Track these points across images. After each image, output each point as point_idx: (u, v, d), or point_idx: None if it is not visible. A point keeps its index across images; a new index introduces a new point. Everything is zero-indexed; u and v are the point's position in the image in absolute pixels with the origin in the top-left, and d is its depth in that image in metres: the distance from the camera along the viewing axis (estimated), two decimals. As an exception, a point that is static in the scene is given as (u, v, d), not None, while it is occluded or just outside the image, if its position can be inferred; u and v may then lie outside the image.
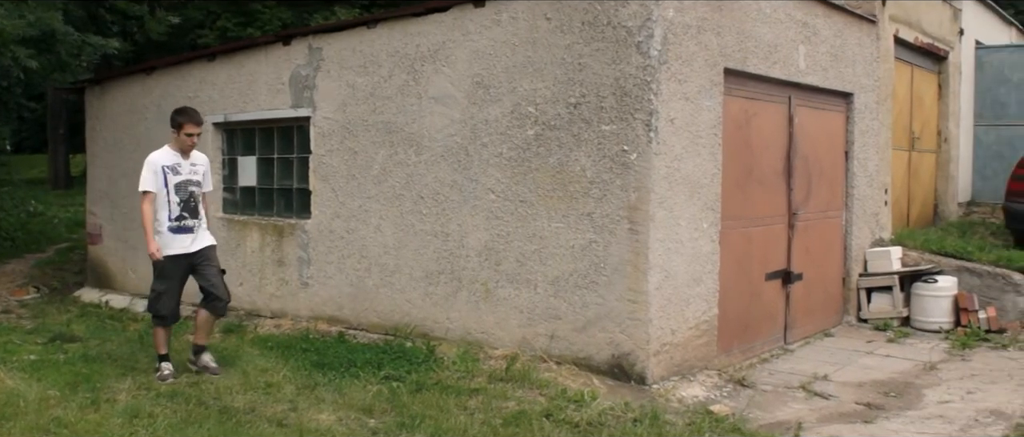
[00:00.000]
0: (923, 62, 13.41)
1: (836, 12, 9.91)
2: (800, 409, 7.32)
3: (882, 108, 11.10)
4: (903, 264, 10.77)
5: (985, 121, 16.01)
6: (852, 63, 10.24)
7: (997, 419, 6.99)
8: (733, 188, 8.23)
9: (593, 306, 7.47)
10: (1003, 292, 10.63)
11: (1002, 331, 10.05)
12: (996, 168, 15.39)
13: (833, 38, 9.79)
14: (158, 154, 7.63)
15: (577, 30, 7.48)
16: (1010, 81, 15.93)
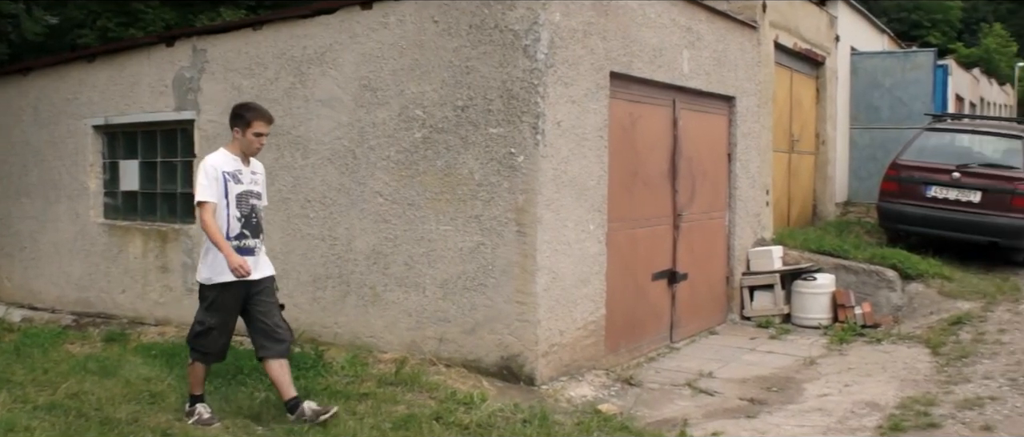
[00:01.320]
0: (802, 67, 13.80)
1: (719, 18, 10.13)
2: (686, 406, 7.47)
3: (763, 111, 11.39)
4: (784, 263, 11.07)
5: (860, 124, 16.57)
6: (734, 67, 10.48)
7: (872, 410, 7.24)
8: (619, 190, 8.35)
9: (482, 308, 7.50)
10: (877, 288, 11.03)
11: (877, 326, 10.41)
12: (871, 169, 15.93)
13: (716, 43, 10.01)
14: (217, 158, 6.30)
15: (465, 33, 7.51)
16: (883, 86, 16.52)
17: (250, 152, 6.38)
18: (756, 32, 11.15)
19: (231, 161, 6.31)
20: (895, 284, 11.10)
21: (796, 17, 12.95)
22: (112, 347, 8.77)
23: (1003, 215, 12.11)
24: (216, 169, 6.22)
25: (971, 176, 12.35)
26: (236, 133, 6.33)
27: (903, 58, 17.35)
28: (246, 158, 6.38)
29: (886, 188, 12.95)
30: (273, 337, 6.34)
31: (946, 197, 12.41)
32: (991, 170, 12.43)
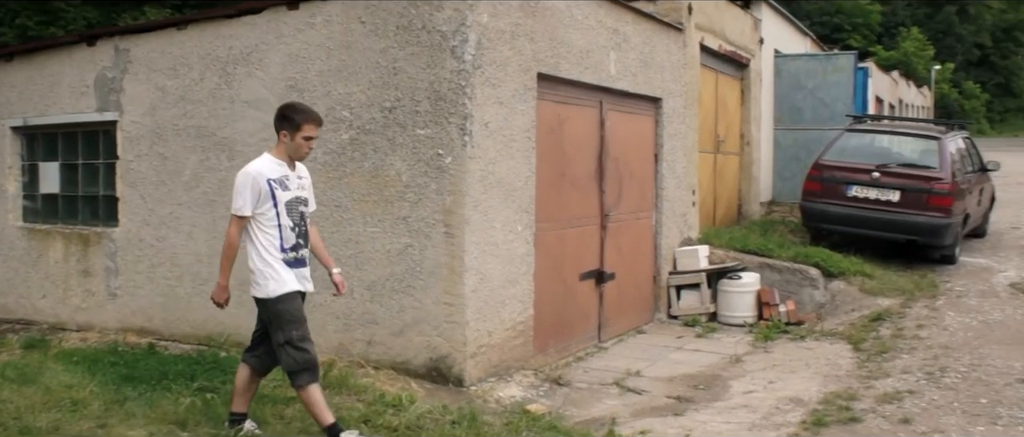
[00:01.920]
0: (727, 69, 13.99)
1: (645, 20, 10.23)
2: (614, 405, 7.53)
3: (689, 112, 11.53)
4: (710, 262, 11.21)
5: (784, 125, 16.84)
6: (661, 69, 10.59)
7: (796, 406, 7.38)
8: (547, 190, 8.39)
9: (410, 310, 7.49)
10: (801, 286, 11.23)
11: (800, 323, 10.60)
12: (794, 169, 16.20)
13: (643, 45, 10.10)
14: (261, 164, 5.76)
15: (392, 34, 7.49)
16: (805, 88, 16.81)
17: (298, 157, 5.90)
18: (682, 34, 11.27)
19: (277, 167, 5.79)
20: (818, 282, 11.32)
21: (721, 20, 13.13)
22: (32, 354, 8.56)
23: (921, 214, 12.41)
24: (261, 177, 5.70)
25: (890, 176, 12.64)
26: (284, 136, 5.81)
27: (825, 61, 17.67)
28: (292, 163, 5.88)
29: (809, 188, 13.20)
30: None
31: (866, 196, 12.68)
32: (909, 170, 12.73)
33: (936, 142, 13.12)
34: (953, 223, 12.55)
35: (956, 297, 11.20)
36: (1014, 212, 18.42)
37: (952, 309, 10.60)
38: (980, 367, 8.36)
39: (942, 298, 11.17)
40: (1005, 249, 14.45)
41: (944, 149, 12.92)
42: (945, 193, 12.41)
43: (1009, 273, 12.46)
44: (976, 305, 10.75)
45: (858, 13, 48.82)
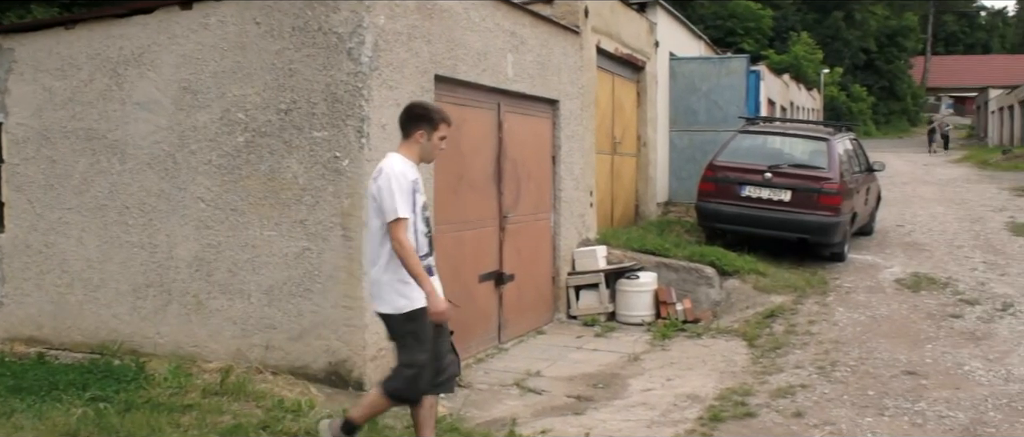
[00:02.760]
0: (623, 71, 14.15)
1: (542, 22, 10.30)
2: (515, 405, 7.57)
3: (586, 114, 11.64)
4: (608, 262, 11.33)
5: (679, 127, 17.11)
6: (557, 71, 10.67)
7: (693, 402, 7.52)
8: (445, 192, 8.38)
9: (308, 314, 7.42)
10: (697, 285, 11.43)
11: (697, 321, 10.79)
12: (689, 171, 16.47)
13: (539, 47, 10.17)
14: (400, 165, 5.40)
15: (288, 35, 7.41)
16: (700, 90, 17.11)
17: (429, 159, 5.70)
18: (579, 37, 11.38)
19: (412, 168, 5.44)
20: (713, 280, 11.53)
21: (617, 23, 13.28)
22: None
23: (811, 213, 12.74)
24: (407, 178, 5.31)
25: (781, 176, 12.95)
26: (420, 137, 5.51)
27: (719, 63, 18.00)
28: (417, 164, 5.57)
29: (704, 188, 13.45)
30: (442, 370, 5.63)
31: (759, 196, 12.97)
32: (800, 170, 13.07)
33: (825, 143, 13.49)
34: (842, 222, 12.92)
35: (845, 293, 11.53)
36: (899, 210, 19.02)
37: (841, 305, 10.91)
38: (868, 360, 8.63)
39: (832, 294, 11.49)
40: (891, 246, 14.92)
41: (832, 150, 13.30)
42: (834, 193, 12.77)
43: (895, 269, 12.86)
44: (864, 301, 11.08)
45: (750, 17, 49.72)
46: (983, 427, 6.85)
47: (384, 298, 5.44)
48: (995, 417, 7.06)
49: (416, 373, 5.42)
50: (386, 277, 5.39)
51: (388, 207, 5.27)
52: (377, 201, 5.37)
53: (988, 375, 8.14)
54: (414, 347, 5.40)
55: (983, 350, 8.94)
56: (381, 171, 5.39)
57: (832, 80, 55.80)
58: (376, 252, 5.47)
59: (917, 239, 15.55)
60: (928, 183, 25.75)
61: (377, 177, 5.40)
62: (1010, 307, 10.58)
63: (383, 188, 5.31)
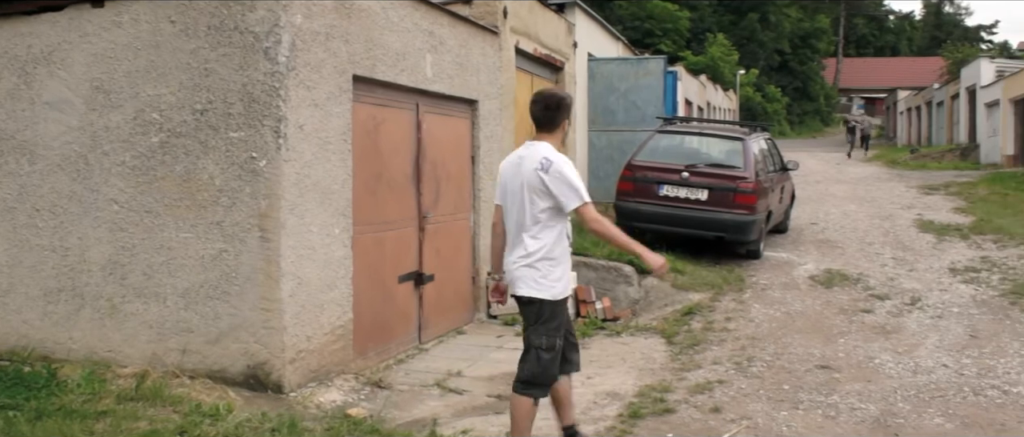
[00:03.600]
0: (542, 72, 14.22)
1: (461, 23, 10.31)
2: (436, 406, 7.56)
3: (505, 114, 11.67)
4: (528, 262, 11.34)
5: (598, 127, 17.24)
6: (476, 72, 10.69)
7: (613, 399, 7.59)
8: (364, 193, 8.35)
9: (226, 317, 7.32)
10: (616, 284, 11.53)
11: (616, 319, 10.89)
12: (608, 170, 16.61)
13: (458, 48, 10.18)
14: (561, 154, 5.74)
15: (203, 34, 7.31)
16: (618, 90, 17.26)
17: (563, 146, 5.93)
18: (498, 37, 11.41)
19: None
20: (632, 279, 11.65)
21: (536, 24, 13.34)
22: None
23: (727, 211, 12.95)
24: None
25: (698, 175, 13.14)
26: (566, 125, 5.89)
27: (636, 64, 18.17)
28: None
29: (622, 188, 13.58)
30: (576, 347, 6.12)
31: (677, 195, 13.14)
32: (716, 170, 13.27)
33: (740, 143, 13.72)
34: (757, 220, 13.16)
35: (761, 290, 11.75)
36: (813, 209, 19.42)
37: (757, 301, 11.11)
38: (783, 356, 8.80)
39: (748, 291, 11.70)
40: (805, 244, 15.23)
41: (748, 150, 13.53)
42: (749, 192, 12.99)
43: (808, 266, 13.14)
44: (779, 297, 11.30)
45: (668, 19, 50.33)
46: (892, 418, 7.03)
47: (538, 283, 5.66)
48: (904, 408, 7.26)
49: (553, 356, 5.71)
50: (544, 263, 5.65)
51: (573, 195, 5.55)
52: (545, 190, 5.61)
53: (897, 367, 8.36)
54: (555, 333, 5.70)
55: (893, 343, 9.18)
56: (550, 161, 5.61)
57: (748, 81, 56.78)
58: (518, 238, 5.73)
59: (830, 236, 15.89)
60: (840, 182, 26.32)
61: (546, 168, 5.60)
62: (918, 301, 10.87)
63: (561, 177, 5.57)
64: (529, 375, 5.74)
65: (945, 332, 9.56)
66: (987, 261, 13.20)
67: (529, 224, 5.67)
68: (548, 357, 5.70)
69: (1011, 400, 7.44)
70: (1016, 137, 32.83)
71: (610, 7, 46.72)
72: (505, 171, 5.97)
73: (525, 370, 5.76)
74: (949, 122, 45.42)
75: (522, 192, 5.69)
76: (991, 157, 35.29)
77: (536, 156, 5.68)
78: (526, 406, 5.78)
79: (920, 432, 6.76)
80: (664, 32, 49.78)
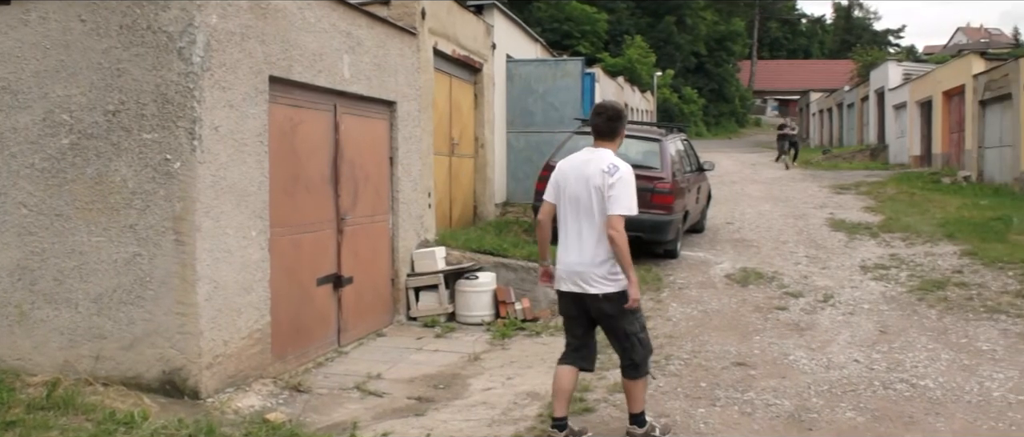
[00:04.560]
0: (460, 73, 14.23)
1: (379, 24, 10.27)
2: (356, 409, 7.52)
3: (424, 116, 11.65)
4: (447, 263, 11.37)
5: (516, 128, 17.30)
6: (395, 73, 10.65)
7: (533, 400, 7.62)
8: (281, 195, 8.27)
9: (140, 322, 7.19)
10: (535, 284, 11.57)
11: (536, 319, 10.93)
12: (527, 171, 16.67)
13: (376, 49, 10.13)
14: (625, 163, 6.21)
15: (115, 34, 7.16)
16: (536, 92, 17.34)
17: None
18: (416, 39, 11.39)
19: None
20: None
21: (454, 25, 13.34)
22: None
23: (644, 211, 12.99)
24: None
25: (616, 176, 13.22)
26: (622, 135, 6.45)
27: (554, 66, 18.27)
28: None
29: (541, 189, 13.58)
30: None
31: (595, 196, 13.20)
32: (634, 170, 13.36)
33: (657, 144, 13.85)
34: (674, 220, 13.30)
35: (678, 289, 11.89)
36: (729, 208, 19.70)
37: (675, 300, 11.24)
38: (700, 353, 8.92)
39: (666, 290, 11.82)
40: (721, 243, 15.45)
41: (665, 150, 13.67)
42: (666, 192, 13.13)
43: (725, 265, 13.33)
44: (696, 296, 11.45)
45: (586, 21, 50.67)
46: (806, 412, 7.18)
47: (611, 279, 6.07)
48: (817, 403, 7.41)
49: (645, 334, 6.27)
50: (611, 260, 6.07)
51: (627, 204, 6.01)
52: (602, 192, 6.06)
53: (811, 364, 8.53)
54: (637, 314, 6.19)
55: (806, 340, 9.36)
56: (617, 167, 6.10)
57: (665, 82, 57.42)
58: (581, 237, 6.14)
59: (745, 236, 16.14)
60: (756, 182, 26.75)
61: (613, 171, 6.08)
62: (830, 299, 11.11)
63: (623, 184, 6.04)
64: (641, 359, 6.27)
65: (856, 328, 9.79)
66: (896, 258, 13.53)
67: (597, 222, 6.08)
68: (644, 335, 6.26)
69: (918, 393, 7.65)
70: (922, 138, 33.75)
71: (529, 9, 46.93)
72: (565, 171, 6.37)
73: (637, 356, 6.24)
74: (859, 123, 46.51)
75: (589, 192, 6.12)
76: (899, 157, 36.23)
77: (606, 159, 6.17)
78: (641, 384, 6.38)
79: (833, 426, 6.91)
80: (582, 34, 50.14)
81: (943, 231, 15.71)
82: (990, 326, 9.75)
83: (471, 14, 14.60)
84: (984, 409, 7.25)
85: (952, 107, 30.15)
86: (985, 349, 8.93)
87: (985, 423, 6.94)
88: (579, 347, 6.43)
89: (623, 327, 6.21)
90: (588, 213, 6.13)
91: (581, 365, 6.43)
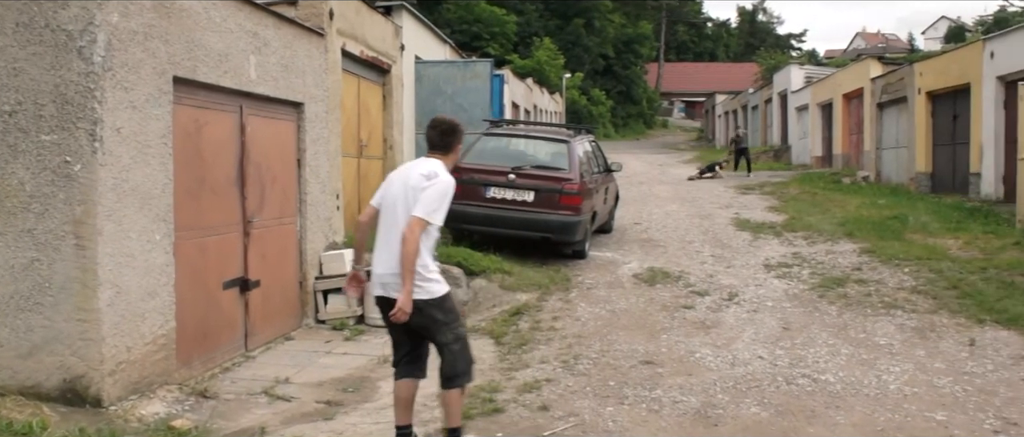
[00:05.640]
0: (369, 74, 14.15)
1: (286, 24, 10.15)
2: (263, 414, 7.44)
3: (332, 117, 11.56)
4: (356, 265, 11.27)
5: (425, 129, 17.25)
6: (302, 74, 10.55)
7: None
8: (186, 198, 8.13)
9: (39, 329, 6.99)
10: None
11: (445, 322, 10.90)
12: (437, 173, 16.61)
13: (283, 49, 10.02)
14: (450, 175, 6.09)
15: (11, 32, 6.96)
16: (445, 93, 17.34)
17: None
18: (324, 39, 11.29)
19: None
20: (461, 280, 11.70)
21: (363, 26, 13.26)
22: None
23: (553, 213, 13.17)
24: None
25: (525, 177, 13.31)
26: (458, 150, 6.35)
27: (463, 67, 18.29)
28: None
29: (451, 190, 13.61)
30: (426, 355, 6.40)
31: (504, 197, 13.28)
32: (542, 172, 13.47)
33: (565, 145, 13.97)
34: (582, 221, 13.42)
35: (587, 289, 11.99)
36: (636, 209, 19.94)
37: (584, 300, 11.33)
38: (609, 352, 9.01)
39: (575, 290, 11.92)
40: (629, 243, 15.62)
41: (572, 152, 13.79)
42: (574, 193, 13.24)
43: (632, 265, 13.49)
44: (605, 295, 11.56)
45: (495, 23, 50.80)
46: (712, 409, 7.31)
47: (421, 286, 5.86)
48: (723, 399, 7.55)
49: (460, 344, 6.05)
50: (422, 267, 5.88)
51: (431, 209, 5.83)
52: (418, 194, 5.89)
53: (716, 361, 8.69)
54: (455, 321, 6.04)
55: (712, 338, 9.53)
56: (437, 174, 5.97)
57: (573, 84, 57.84)
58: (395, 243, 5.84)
59: (653, 236, 16.35)
60: (663, 183, 27.12)
61: (432, 177, 5.94)
62: (735, 297, 11.32)
63: (438, 190, 5.89)
64: (461, 370, 6.09)
65: (760, 325, 9.99)
66: (798, 257, 13.85)
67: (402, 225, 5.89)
68: (459, 346, 6.05)
69: (820, 388, 7.85)
70: (824, 139, 34.60)
71: (438, 10, 46.86)
72: (392, 178, 6.27)
73: (456, 367, 6.07)
74: (764, 125, 47.48)
75: (404, 196, 5.97)
76: (802, 158, 37.09)
77: (430, 166, 6.05)
78: (456, 396, 6.14)
79: (738, 421, 7.05)
80: (491, 36, 50.26)
81: (843, 230, 16.14)
82: (887, 321, 10.04)
83: (380, 15, 14.53)
84: (881, 401, 7.48)
85: (852, 109, 30.98)
86: (882, 344, 9.20)
87: (882, 415, 7.16)
88: (408, 357, 6.22)
89: (434, 337, 6.05)
90: (403, 217, 5.92)
91: (416, 375, 6.24)
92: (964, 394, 7.67)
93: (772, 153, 40.55)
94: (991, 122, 19.58)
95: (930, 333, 9.57)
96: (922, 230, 15.88)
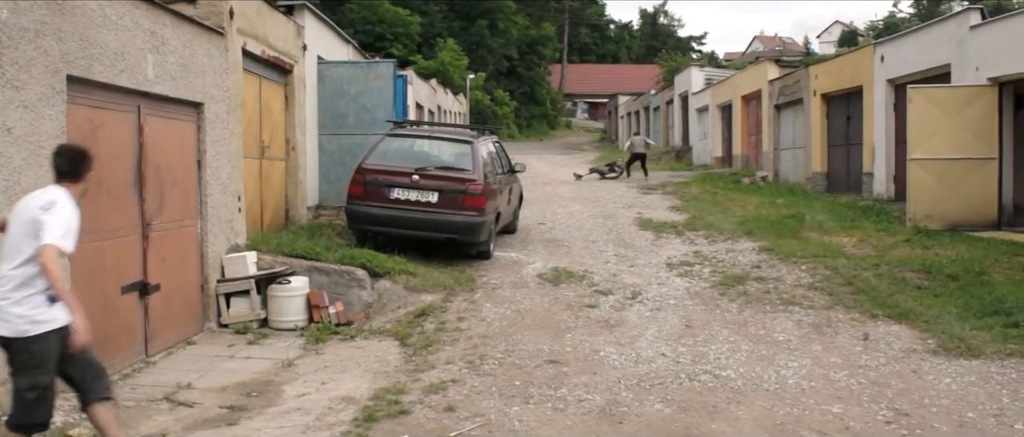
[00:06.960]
0: (271, 74, 13.97)
1: (185, 23, 9.98)
2: (165, 420, 7.31)
3: (232, 118, 11.39)
4: (259, 268, 11.17)
5: (328, 130, 17.11)
6: (202, 74, 10.38)
7: (348, 404, 7.57)
8: (81, 200, 7.90)
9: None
10: (349, 287, 11.51)
11: (350, 323, 10.87)
12: (339, 174, 16.51)
13: (182, 49, 9.85)
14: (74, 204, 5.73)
15: None
16: (348, 94, 17.19)
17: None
18: (224, 39, 11.12)
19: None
20: (365, 282, 11.65)
21: (264, 25, 13.09)
22: None
23: (457, 213, 13.18)
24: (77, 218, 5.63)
25: (429, 178, 13.31)
26: (88, 178, 5.96)
27: (367, 68, 18.15)
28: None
29: (353, 191, 13.54)
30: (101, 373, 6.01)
31: (408, 198, 13.25)
32: (446, 172, 13.48)
33: (469, 146, 13.99)
34: (487, 221, 13.46)
35: (492, 289, 12.02)
36: (540, 209, 20.04)
37: (489, 301, 11.36)
38: (514, 352, 9.06)
39: (480, 291, 11.94)
40: (533, 243, 15.70)
41: (476, 153, 13.82)
42: (478, 194, 13.28)
43: (537, 265, 13.56)
44: (510, 296, 11.61)
45: (399, 23, 50.54)
46: (617, 406, 7.40)
47: (8, 322, 5.47)
48: (627, 396, 7.65)
49: (34, 394, 5.51)
50: (13, 301, 5.46)
51: (57, 234, 5.44)
52: (38, 226, 5.46)
53: (620, 359, 8.79)
54: (37, 370, 5.50)
55: (616, 336, 9.64)
56: (55, 202, 5.56)
57: (477, 85, 57.91)
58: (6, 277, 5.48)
59: (557, 236, 16.46)
60: (566, 183, 27.30)
61: (49, 208, 5.52)
62: (638, 295, 11.46)
63: (59, 219, 5.49)
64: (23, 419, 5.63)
65: (663, 323, 10.14)
66: (699, 255, 14.08)
67: (19, 260, 5.52)
68: (32, 396, 5.56)
69: (721, 383, 8.00)
70: (723, 140, 35.23)
71: (341, 10, 46.47)
72: (15, 208, 5.85)
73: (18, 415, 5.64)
74: (665, 126, 48.16)
75: (23, 227, 5.57)
76: (702, 158, 37.71)
77: (47, 196, 5.69)
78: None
79: (642, 418, 7.15)
80: (395, 36, 50.00)
81: (743, 229, 16.47)
82: (785, 318, 10.28)
83: (281, 15, 14.35)
84: (780, 396, 7.66)
85: (750, 111, 31.61)
86: (781, 340, 9.42)
87: (781, 409, 7.33)
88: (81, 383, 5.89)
89: (17, 378, 5.60)
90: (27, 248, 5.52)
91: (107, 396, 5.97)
92: (859, 387, 7.90)
93: (674, 154, 41.15)
94: (882, 123, 20.19)
95: (826, 328, 9.83)
96: (818, 228, 16.28)
